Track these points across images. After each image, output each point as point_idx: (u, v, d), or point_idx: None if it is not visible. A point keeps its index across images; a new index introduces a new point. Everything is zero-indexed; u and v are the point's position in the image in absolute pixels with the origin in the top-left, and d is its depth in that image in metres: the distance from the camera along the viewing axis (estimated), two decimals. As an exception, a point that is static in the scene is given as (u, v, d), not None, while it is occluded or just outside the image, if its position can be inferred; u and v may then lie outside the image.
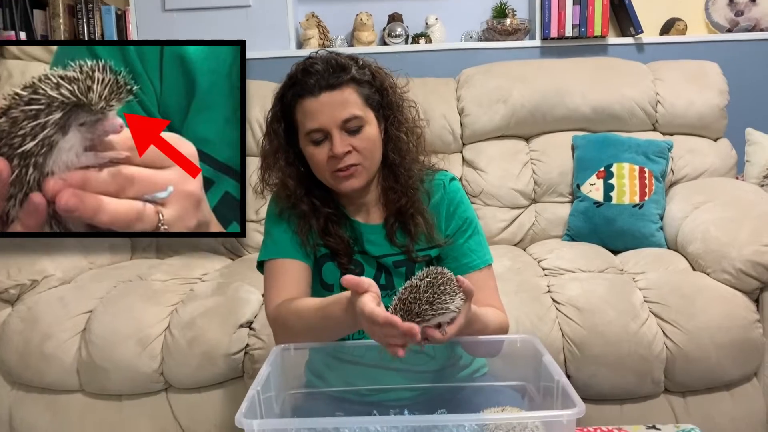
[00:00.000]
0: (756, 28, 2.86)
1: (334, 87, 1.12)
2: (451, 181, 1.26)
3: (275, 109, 1.21)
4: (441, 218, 1.23)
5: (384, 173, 1.23)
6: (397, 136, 1.21)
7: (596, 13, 2.77)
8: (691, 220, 2.03)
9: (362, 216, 1.25)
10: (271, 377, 1.03)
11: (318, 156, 1.15)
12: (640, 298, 1.76)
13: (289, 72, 1.18)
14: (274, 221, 1.25)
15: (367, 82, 1.17)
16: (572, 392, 0.89)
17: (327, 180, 1.18)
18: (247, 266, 2.15)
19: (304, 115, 1.14)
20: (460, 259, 1.22)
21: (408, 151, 1.22)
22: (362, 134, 1.14)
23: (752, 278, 1.72)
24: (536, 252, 2.17)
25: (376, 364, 1.16)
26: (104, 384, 1.79)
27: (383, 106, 1.19)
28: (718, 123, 2.44)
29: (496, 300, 1.23)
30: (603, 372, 1.68)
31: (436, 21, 2.92)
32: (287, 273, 1.20)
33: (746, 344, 1.69)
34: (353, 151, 1.14)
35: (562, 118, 2.46)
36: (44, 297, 1.90)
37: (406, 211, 1.20)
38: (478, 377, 1.24)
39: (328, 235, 1.21)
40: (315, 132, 1.13)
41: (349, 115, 1.12)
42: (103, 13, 2.89)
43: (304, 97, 1.13)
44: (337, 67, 1.13)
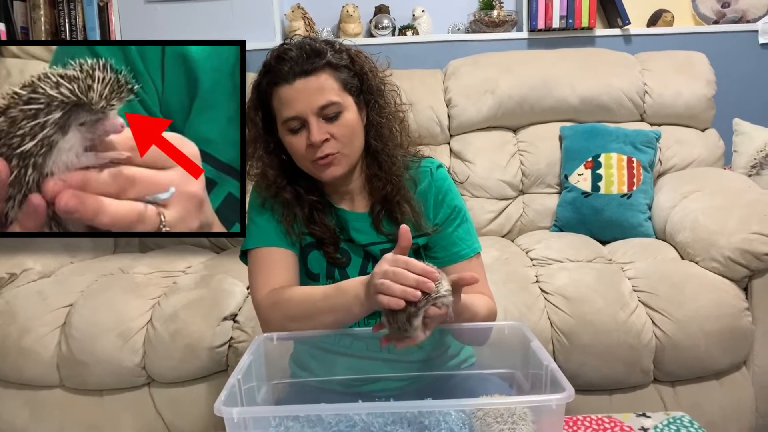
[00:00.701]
0: (743, 20, 2.86)
1: (308, 73, 1.09)
2: (438, 168, 1.24)
3: (252, 98, 1.18)
4: (429, 206, 1.21)
5: (367, 161, 1.20)
6: (378, 122, 1.18)
7: (584, 5, 2.76)
8: (679, 209, 2.02)
9: (347, 204, 1.22)
10: (252, 366, 1.01)
11: (296, 145, 1.12)
12: (628, 287, 1.75)
13: (264, 60, 1.15)
14: (257, 211, 1.22)
15: (345, 66, 1.13)
16: (561, 377, 0.87)
17: (308, 168, 1.15)
18: (231, 259, 2.12)
19: (280, 103, 1.12)
20: (449, 248, 1.20)
21: (391, 137, 1.20)
22: (340, 121, 1.11)
23: (741, 266, 1.71)
24: (524, 243, 2.16)
25: (362, 354, 1.14)
26: (85, 379, 1.75)
27: (363, 91, 1.16)
28: (705, 113, 2.44)
29: (485, 288, 1.21)
30: (592, 361, 1.67)
31: (422, 13, 2.90)
32: (275, 261, 1.18)
33: (735, 332, 1.68)
34: (331, 139, 1.11)
35: (550, 109, 2.44)
36: (23, 291, 1.86)
37: (392, 199, 1.18)
38: (465, 367, 1.22)
39: (313, 223, 1.19)
40: (291, 120, 1.11)
41: (326, 102, 1.10)
42: (84, 5, 2.85)
43: (278, 84, 1.11)
44: (311, 53, 1.10)
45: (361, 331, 1.11)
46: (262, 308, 1.14)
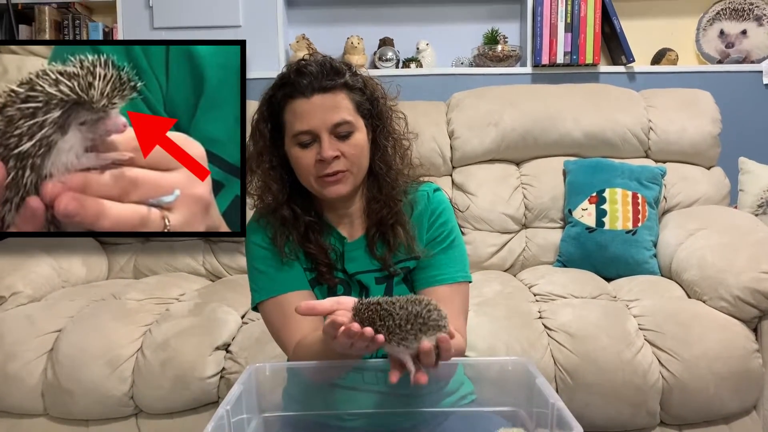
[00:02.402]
0: (746, 60, 2.86)
1: (327, 90, 1.10)
2: (435, 192, 1.23)
3: (262, 109, 1.17)
4: (423, 229, 1.19)
5: (368, 183, 1.19)
6: (384, 146, 1.18)
7: (588, 41, 2.76)
8: (686, 247, 1.98)
9: (345, 228, 1.21)
10: (243, 397, 0.96)
11: (304, 159, 1.11)
12: (634, 325, 1.70)
13: (280, 73, 1.15)
14: (258, 252, 1.18)
15: (359, 89, 1.15)
16: (568, 415, 0.82)
17: (312, 185, 1.13)
18: (226, 287, 2.08)
19: (293, 116, 1.11)
20: (428, 271, 1.17)
21: (394, 162, 1.20)
22: (351, 140, 1.11)
23: (751, 306, 1.66)
24: (527, 278, 2.11)
25: (358, 387, 1.09)
26: (70, 408, 1.70)
27: (373, 115, 1.17)
28: (711, 151, 2.41)
29: (458, 322, 1.15)
30: (596, 401, 1.61)
31: (427, 46, 2.91)
32: (293, 308, 1.14)
33: (745, 375, 1.62)
34: (341, 157, 1.11)
35: (554, 143, 2.42)
36: (11, 314, 1.82)
37: (386, 222, 1.16)
38: (465, 404, 1.17)
39: (308, 242, 1.17)
40: (303, 134, 1.10)
41: (340, 120, 1.10)
42: (90, 30, 2.86)
43: (294, 97, 1.10)
44: (331, 71, 1.11)
45: (357, 363, 1.07)
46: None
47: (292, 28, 2.96)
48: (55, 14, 2.84)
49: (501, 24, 2.91)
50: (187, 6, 2.84)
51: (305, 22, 2.96)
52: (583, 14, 2.74)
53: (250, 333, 1.75)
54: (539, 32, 2.79)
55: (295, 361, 1.11)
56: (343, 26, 2.96)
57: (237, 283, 2.12)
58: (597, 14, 2.74)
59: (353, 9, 2.97)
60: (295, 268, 1.17)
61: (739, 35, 2.86)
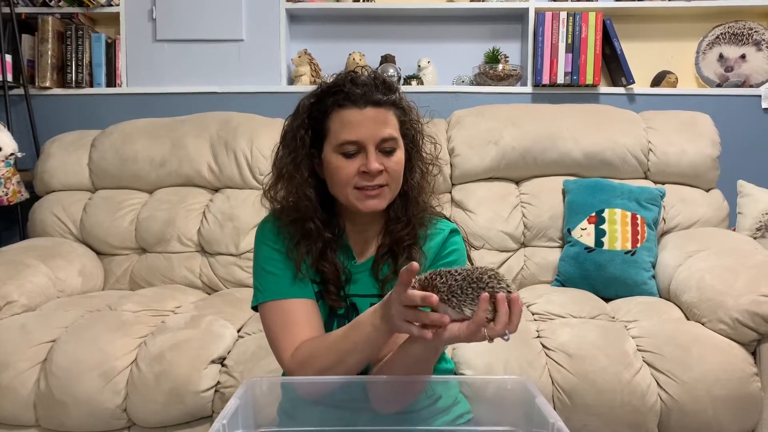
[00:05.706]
0: (745, 84, 2.88)
1: (380, 104, 1.10)
2: (452, 233, 1.20)
3: (303, 116, 1.15)
4: (428, 261, 1.17)
5: (394, 203, 1.18)
6: (416, 169, 1.19)
7: (588, 62, 2.78)
8: (685, 269, 1.98)
9: (359, 245, 1.20)
10: (239, 412, 0.95)
11: (347, 169, 1.10)
12: (633, 346, 1.69)
13: (330, 81, 1.14)
14: (268, 255, 1.17)
15: (403, 109, 1.16)
16: (569, 436, 0.81)
17: (347, 196, 1.12)
18: (223, 300, 2.07)
19: (341, 125, 1.10)
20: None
21: (423, 185, 1.20)
22: (394, 157, 1.12)
23: (750, 329, 1.65)
24: (525, 297, 2.10)
25: (351, 405, 1.08)
26: (62, 420, 1.67)
27: (410, 136, 1.18)
28: (710, 173, 2.42)
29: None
30: (594, 422, 1.59)
31: (428, 64, 2.92)
32: (296, 315, 1.13)
33: (744, 398, 1.61)
34: (384, 172, 1.11)
35: (553, 162, 2.43)
36: (5, 324, 1.80)
37: (402, 243, 1.16)
38: (461, 424, 1.16)
39: (324, 260, 1.16)
40: (350, 144, 1.09)
41: (388, 135, 1.10)
42: (93, 41, 2.87)
43: (345, 106, 1.10)
44: (385, 86, 1.12)
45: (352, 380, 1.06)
46: (291, 371, 1.10)
47: (295, 43, 2.97)
48: (58, 25, 2.84)
49: (502, 43, 2.93)
50: (190, 19, 2.85)
51: (308, 38, 2.98)
52: (584, 35, 2.76)
53: (246, 347, 1.73)
54: (540, 52, 2.80)
55: (289, 366, 1.09)
56: (345, 42, 2.97)
57: (234, 297, 2.10)
58: (598, 36, 2.75)
59: (355, 25, 2.98)
60: (305, 277, 1.16)
61: (739, 59, 2.88)
